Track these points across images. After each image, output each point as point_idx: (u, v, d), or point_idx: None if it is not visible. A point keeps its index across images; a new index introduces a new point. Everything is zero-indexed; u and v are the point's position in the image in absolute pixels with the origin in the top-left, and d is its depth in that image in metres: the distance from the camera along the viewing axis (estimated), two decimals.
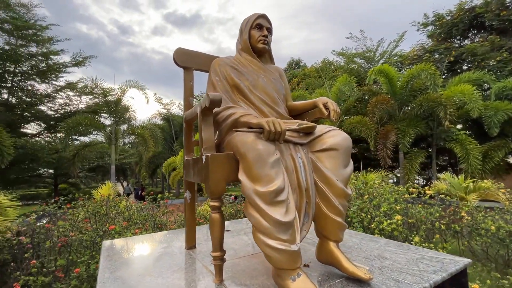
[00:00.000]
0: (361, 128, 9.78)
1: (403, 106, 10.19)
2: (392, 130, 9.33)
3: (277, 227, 0.99)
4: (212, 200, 1.16)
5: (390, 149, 9.18)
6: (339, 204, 1.20)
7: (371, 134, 9.54)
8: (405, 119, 9.89)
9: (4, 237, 2.98)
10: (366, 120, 9.77)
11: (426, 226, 3.50)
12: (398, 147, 9.64)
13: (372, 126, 9.67)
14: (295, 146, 1.25)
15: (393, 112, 10.07)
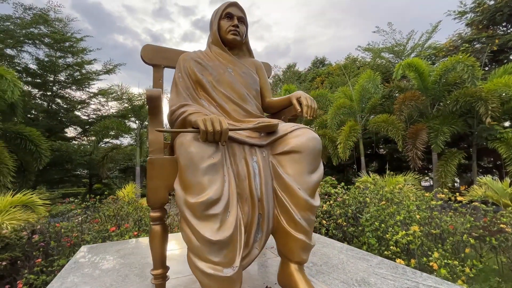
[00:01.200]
0: (388, 127, 9.08)
1: (435, 102, 9.27)
2: (423, 129, 8.52)
3: (207, 247, 0.82)
4: (152, 210, 1.03)
5: (421, 150, 8.39)
6: (301, 218, 0.99)
7: (399, 133, 8.81)
8: (438, 116, 8.98)
9: (18, 236, 3.15)
10: (393, 119, 9.05)
11: (454, 239, 3.04)
12: (430, 147, 8.79)
13: (400, 125, 8.93)
14: (251, 148, 1.07)
15: (424, 109, 9.20)
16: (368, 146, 14.27)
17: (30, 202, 5.50)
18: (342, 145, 9.19)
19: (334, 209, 3.57)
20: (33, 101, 12.62)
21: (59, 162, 12.02)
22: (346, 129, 9.33)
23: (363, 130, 10.65)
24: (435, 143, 8.41)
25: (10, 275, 2.93)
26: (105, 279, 1.26)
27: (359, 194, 3.72)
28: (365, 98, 10.09)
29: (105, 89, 13.57)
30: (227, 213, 0.88)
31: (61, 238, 3.06)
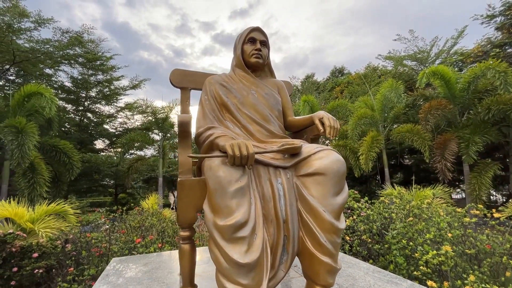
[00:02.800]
0: (413, 137, 8.72)
1: (464, 111, 8.79)
2: (452, 139, 8.08)
3: (236, 269, 0.85)
4: (182, 230, 1.08)
5: (450, 161, 7.93)
6: (327, 240, 1.00)
7: (425, 144, 8.42)
8: (468, 125, 8.49)
9: (53, 244, 3.36)
10: (418, 129, 8.69)
11: (492, 260, 2.81)
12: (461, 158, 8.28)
13: (426, 135, 8.54)
14: (275, 170, 1.11)
15: (452, 118, 8.75)
16: (392, 156, 13.72)
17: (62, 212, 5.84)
18: (364, 156, 8.93)
19: (358, 225, 3.45)
20: (66, 116, 13.62)
21: (88, 172, 12.74)
22: (368, 139, 9.08)
23: (386, 140, 10.30)
24: (467, 154, 7.93)
25: (45, 282, 3.11)
26: None
27: (384, 210, 3.58)
28: (387, 107, 9.81)
29: (131, 103, 14.34)
30: (254, 235, 0.91)
31: (91, 248, 3.22)
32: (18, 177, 8.06)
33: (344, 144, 10.12)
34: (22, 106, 8.43)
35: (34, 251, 3.08)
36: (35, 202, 7.13)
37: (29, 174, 8.04)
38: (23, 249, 3.02)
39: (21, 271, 2.93)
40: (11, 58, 10.92)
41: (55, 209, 5.72)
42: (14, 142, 7.29)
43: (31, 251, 3.07)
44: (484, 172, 8.04)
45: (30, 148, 7.45)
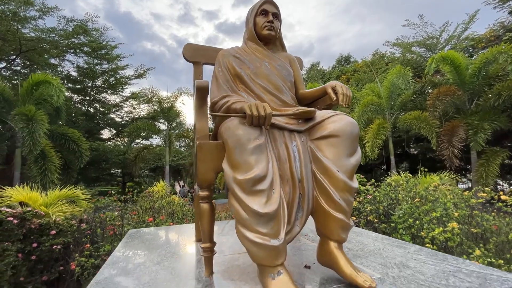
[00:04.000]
0: (420, 124, 8.64)
1: (474, 97, 8.63)
2: (460, 126, 7.99)
3: (255, 219, 0.90)
4: (201, 190, 1.14)
5: (458, 148, 7.86)
6: (340, 198, 1.04)
7: (433, 131, 8.33)
8: (477, 112, 8.36)
9: (68, 223, 3.50)
10: (425, 115, 8.59)
11: (497, 239, 2.84)
12: (468, 146, 8.20)
13: (434, 122, 8.45)
14: (290, 133, 1.14)
15: (461, 105, 8.62)
16: (397, 145, 13.63)
17: (74, 197, 6.01)
18: (370, 143, 8.90)
19: (365, 206, 3.50)
20: (73, 106, 13.78)
21: (96, 161, 12.99)
22: (374, 127, 9.02)
23: (393, 128, 10.22)
24: (475, 141, 7.84)
25: (64, 258, 3.26)
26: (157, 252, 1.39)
27: (391, 191, 3.61)
28: (395, 94, 9.68)
29: (137, 92, 14.41)
30: (272, 190, 0.95)
31: (105, 227, 3.34)
32: (30, 164, 8.28)
33: None
34: (31, 95, 8.56)
35: (51, 229, 3.21)
36: (47, 188, 7.33)
37: (40, 161, 8.24)
38: (41, 226, 3.16)
39: (40, 247, 3.07)
40: (18, 48, 11.00)
41: (67, 194, 5.89)
42: (25, 130, 7.44)
43: (49, 228, 3.20)
44: (492, 159, 7.98)
45: (40, 135, 7.60)
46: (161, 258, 1.37)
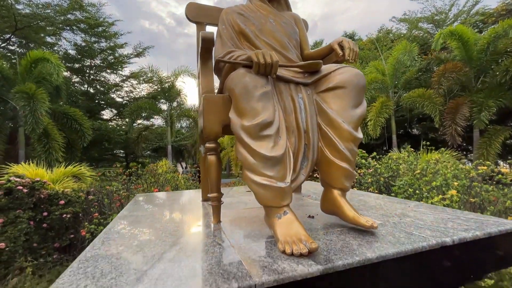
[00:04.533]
0: (424, 102, 8.52)
1: (480, 74, 8.44)
2: (464, 104, 7.89)
3: (263, 162, 0.93)
4: (208, 142, 1.16)
5: (461, 126, 7.82)
6: (345, 148, 1.06)
7: (436, 108, 8.24)
8: (483, 89, 8.22)
9: (76, 194, 3.59)
10: (430, 93, 8.45)
11: (494, 208, 2.91)
12: (471, 126, 8.15)
13: (438, 100, 8.33)
14: (296, 86, 1.14)
15: (466, 82, 8.45)
16: (400, 125, 13.55)
17: (79, 174, 6.12)
18: (373, 122, 8.85)
19: (366, 177, 3.56)
20: (73, 87, 13.63)
21: (99, 140, 13.06)
22: (377, 105, 8.93)
23: (396, 106, 10.11)
24: (479, 119, 7.78)
25: (74, 226, 3.39)
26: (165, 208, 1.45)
27: (392, 163, 3.65)
28: (399, 72, 9.47)
29: (137, 72, 14.18)
30: (278, 137, 0.97)
31: (112, 197, 3.44)
32: (34, 142, 8.35)
33: None
34: (30, 73, 8.46)
35: (60, 199, 3.31)
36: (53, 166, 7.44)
37: (44, 140, 8.31)
38: (50, 196, 3.25)
39: (50, 215, 3.18)
40: (13, 24, 10.71)
41: (73, 171, 5.99)
42: (26, 108, 7.43)
43: (57, 198, 3.30)
44: (494, 137, 7.96)
45: (42, 114, 7.60)
46: (170, 212, 1.43)
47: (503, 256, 0.98)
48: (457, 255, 0.89)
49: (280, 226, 0.89)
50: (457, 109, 7.91)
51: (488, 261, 0.96)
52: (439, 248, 0.86)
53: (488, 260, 0.96)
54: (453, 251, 0.88)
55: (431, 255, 0.85)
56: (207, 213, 1.40)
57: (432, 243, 0.85)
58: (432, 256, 0.85)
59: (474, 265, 0.93)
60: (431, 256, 0.85)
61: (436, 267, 0.87)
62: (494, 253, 0.97)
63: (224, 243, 0.91)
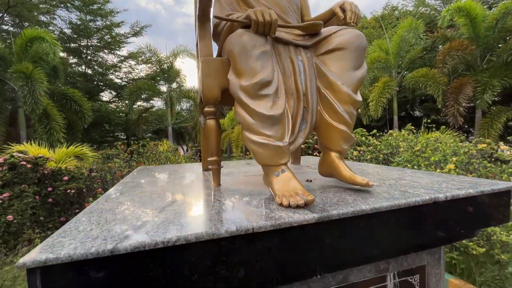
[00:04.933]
0: (427, 82, 8.40)
1: (487, 53, 8.24)
2: (468, 83, 7.77)
3: (261, 121, 0.93)
4: (208, 106, 1.16)
5: (463, 106, 7.75)
6: (344, 111, 1.06)
7: (439, 88, 8.14)
8: (488, 69, 8.06)
9: (80, 171, 3.65)
10: (434, 73, 8.30)
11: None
12: (474, 108, 8.07)
13: (442, 79, 8.20)
14: (296, 48, 1.12)
15: (472, 61, 8.27)
16: (402, 107, 13.43)
17: (82, 154, 6.18)
18: (374, 102, 8.77)
19: (365, 154, 3.58)
20: (70, 69, 13.41)
21: (99, 122, 13.08)
22: (380, 85, 8.80)
23: (399, 87, 9.97)
24: (482, 99, 7.69)
25: (78, 202, 3.47)
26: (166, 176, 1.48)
27: (392, 140, 3.67)
28: (404, 51, 9.25)
29: (135, 52, 13.90)
30: (277, 97, 0.97)
31: (115, 173, 3.49)
32: (35, 123, 8.36)
33: None
34: (26, 52, 8.30)
35: (64, 175, 3.37)
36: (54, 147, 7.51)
37: (44, 120, 8.31)
38: (54, 172, 3.31)
39: (55, 191, 3.25)
40: (5, 1, 10.35)
41: (75, 151, 6.04)
42: (24, 88, 7.37)
43: (61, 174, 3.36)
44: (496, 117, 7.90)
45: (41, 94, 7.55)
46: (171, 179, 1.46)
47: (493, 214, 1.01)
48: (449, 210, 0.92)
49: (277, 183, 0.91)
50: (461, 89, 7.80)
51: (479, 218, 0.99)
52: (432, 203, 0.88)
53: (479, 217, 0.99)
54: (445, 206, 0.91)
55: (424, 209, 0.87)
56: (207, 179, 1.43)
57: (425, 198, 0.87)
58: (425, 210, 0.88)
59: (466, 221, 0.97)
60: (423, 210, 0.87)
61: (429, 221, 0.90)
62: (485, 211, 1.00)
63: (224, 200, 0.94)
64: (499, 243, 2.06)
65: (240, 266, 0.67)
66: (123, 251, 0.56)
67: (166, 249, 0.60)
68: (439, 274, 1.19)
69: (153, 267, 0.59)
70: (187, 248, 0.62)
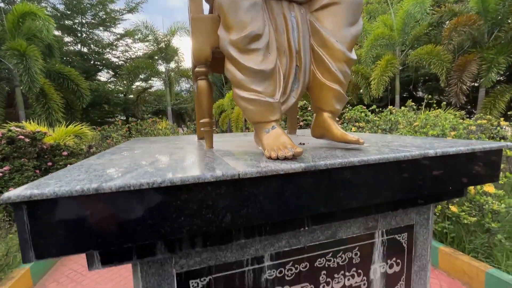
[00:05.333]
0: (431, 59, 8.17)
1: (495, 28, 7.94)
2: (473, 60, 7.57)
3: (251, 77, 0.91)
4: (199, 66, 1.13)
5: (467, 84, 7.60)
6: (337, 69, 1.03)
7: (443, 66, 7.93)
8: (495, 45, 7.81)
9: (79, 147, 3.67)
10: (438, 50, 8.06)
11: None
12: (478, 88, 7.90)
13: (446, 57, 7.97)
14: (289, 4, 1.07)
15: (479, 36, 8.00)
16: (404, 87, 13.20)
17: (81, 133, 6.18)
18: (376, 81, 8.60)
19: (364, 130, 3.57)
20: (65, 48, 13.06)
21: (98, 102, 12.97)
22: (383, 63, 8.58)
23: (402, 66, 9.72)
24: (486, 77, 7.52)
25: None
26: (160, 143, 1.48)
27: (391, 115, 3.64)
28: (409, 27, 8.91)
29: (131, 29, 13.48)
30: (268, 53, 0.94)
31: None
32: (33, 102, 8.30)
33: (356, 70, 9.65)
34: (19, 28, 8.05)
35: (63, 150, 3.39)
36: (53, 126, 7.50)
37: (42, 100, 8.24)
38: (53, 147, 3.32)
39: (55, 165, 3.29)
40: None
41: (74, 130, 6.04)
42: (20, 66, 7.24)
43: (60, 149, 3.37)
44: (500, 96, 7.78)
45: (37, 72, 7.42)
46: (165, 145, 1.46)
47: (483, 172, 1.02)
48: (439, 167, 0.92)
49: (267, 139, 0.91)
50: (465, 66, 7.61)
51: (469, 176, 1.00)
52: (421, 158, 0.88)
53: (469, 175, 1.00)
54: (435, 162, 0.91)
55: (413, 164, 0.88)
56: (201, 144, 1.43)
57: (415, 153, 0.87)
58: (414, 165, 0.88)
59: (455, 178, 0.97)
60: (413, 165, 0.88)
61: (418, 177, 0.90)
62: (475, 169, 1.00)
63: (215, 156, 0.95)
64: (491, 212, 2.11)
65: (226, 211, 0.68)
66: (108, 190, 0.57)
67: (151, 191, 0.60)
68: (426, 234, 1.22)
69: (138, 208, 0.60)
70: (173, 191, 0.62)
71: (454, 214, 2.24)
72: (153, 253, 0.71)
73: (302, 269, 0.99)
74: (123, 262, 0.69)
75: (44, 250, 0.55)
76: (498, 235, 2.02)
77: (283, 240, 0.95)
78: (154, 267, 0.80)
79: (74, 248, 0.57)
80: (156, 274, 0.81)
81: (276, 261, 0.95)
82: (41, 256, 0.55)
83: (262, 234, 0.81)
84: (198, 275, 0.86)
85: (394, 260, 1.15)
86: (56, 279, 2.30)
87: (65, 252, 0.57)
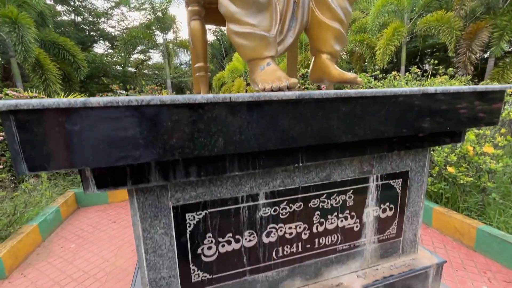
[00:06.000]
0: (441, 27, 7.78)
1: None
2: (484, 27, 7.20)
3: (245, 8, 0.86)
4: (191, 5, 1.07)
5: (476, 53, 7.31)
6: (338, 6, 0.97)
7: (453, 34, 7.57)
8: (510, 11, 7.38)
9: None
10: (449, 16, 7.64)
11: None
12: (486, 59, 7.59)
13: (457, 24, 7.58)
14: None
15: (493, 1, 7.53)
16: (410, 59, 12.74)
17: None
18: (382, 50, 8.28)
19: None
20: (58, 18, 12.50)
21: (95, 75, 12.71)
22: (389, 31, 8.20)
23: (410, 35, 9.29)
24: (497, 45, 7.20)
25: None
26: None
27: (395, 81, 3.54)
28: None
29: None
30: None
31: None
32: (29, 74, 8.15)
33: (362, 38, 9.26)
34: None
35: None
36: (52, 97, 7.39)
37: (38, 70, 8.08)
38: None
39: None
40: None
41: None
42: (13, 34, 7.00)
43: None
44: (509, 66, 7.51)
45: (31, 41, 7.19)
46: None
47: (483, 114, 1.00)
48: (438, 106, 0.90)
49: (262, 75, 0.89)
50: (476, 34, 7.27)
51: (469, 117, 0.98)
52: (421, 95, 0.86)
53: (469, 116, 0.98)
54: (434, 101, 0.89)
55: (411, 101, 0.85)
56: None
57: (414, 89, 0.84)
58: (412, 102, 0.86)
59: (454, 118, 0.95)
60: (411, 102, 0.86)
61: (415, 115, 0.88)
62: (476, 111, 0.98)
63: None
64: (488, 172, 2.12)
65: (218, 136, 0.67)
66: (96, 105, 0.56)
67: (141, 108, 0.59)
68: (421, 181, 1.23)
69: (129, 126, 0.60)
70: (164, 110, 0.61)
71: (451, 175, 2.26)
72: (148, 180, 0.72)
73: (296, 208, 1.02)
74: (118, 187, 0.70)
75: (36, 163, 0.56)
76: (492, 193, 2.06)
77: (278, 179, 0.96)
78: (151, 199, 0.82)
79: (66, 163, 0.58)
80: (152, 206, 0.83)
81: (271, 199, 0.97)
82: (33, 169, 0.56)
83: (256, 167, 0.82)
84: (194, 209, 0.88)
85: (387, 205, 1.18)
86: (63, 236, 2.41)
87: (57, 166, 0.57)
